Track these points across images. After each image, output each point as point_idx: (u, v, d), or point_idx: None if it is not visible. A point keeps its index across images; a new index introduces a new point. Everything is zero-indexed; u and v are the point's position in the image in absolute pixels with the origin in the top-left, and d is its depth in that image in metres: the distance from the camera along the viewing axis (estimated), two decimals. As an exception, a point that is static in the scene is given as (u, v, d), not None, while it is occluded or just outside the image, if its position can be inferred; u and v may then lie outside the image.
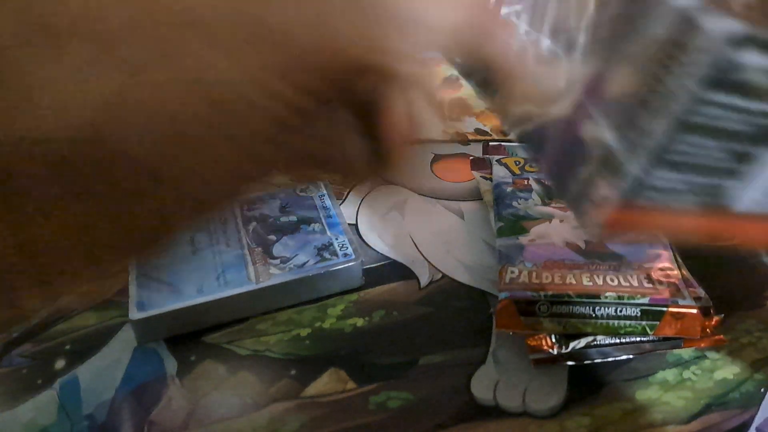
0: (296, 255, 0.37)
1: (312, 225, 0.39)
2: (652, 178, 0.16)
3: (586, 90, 0.18)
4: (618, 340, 0.32)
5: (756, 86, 0.15)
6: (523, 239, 0.36)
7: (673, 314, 0.32)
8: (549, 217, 0.38)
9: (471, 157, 0.46)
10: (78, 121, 0.14)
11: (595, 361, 0.32)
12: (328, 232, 0.38)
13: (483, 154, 0.48)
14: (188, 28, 0.14)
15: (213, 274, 0.35)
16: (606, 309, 0.32)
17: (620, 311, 0.32)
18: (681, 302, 0.32)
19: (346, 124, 0.19)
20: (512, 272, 0.34)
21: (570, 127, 0.18)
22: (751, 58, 0.14)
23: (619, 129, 0.16)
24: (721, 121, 0.15)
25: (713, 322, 0.32)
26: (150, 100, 0.14)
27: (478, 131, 0.51)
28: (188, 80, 0.14)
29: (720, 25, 0.14)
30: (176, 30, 0.14)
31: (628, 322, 0.32)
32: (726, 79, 0.15)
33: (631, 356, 0.32)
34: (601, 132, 0.17)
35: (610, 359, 0.32)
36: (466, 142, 0.50)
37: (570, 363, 0.32)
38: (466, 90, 0.56)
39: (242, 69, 0.15)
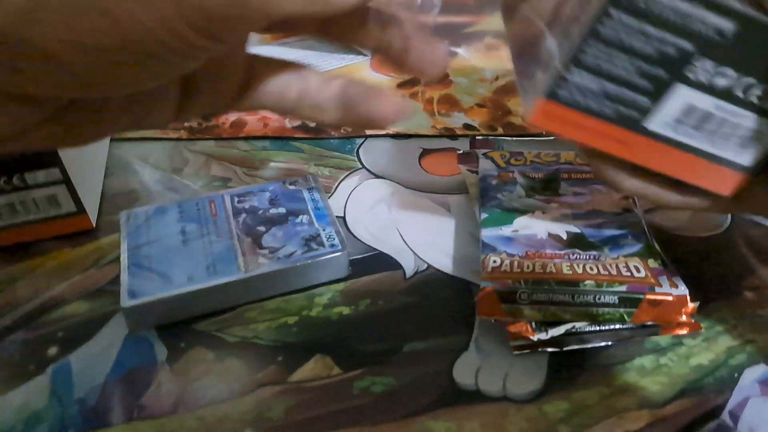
0: (284, 245, 0.38)
1: (300, 217, 0.40)
2: (571, 75, 0.20)
3: (554, 12, 0.21)
4: (597, 327, 0.33)
5: (660, 17, 0.19)
6: (506, 230, 0.37)
7: (650, 301, 0.32)
8: (532, 209, 0.39)
9: (458, 152, 0.47)
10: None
11: (574, 347, 0.33)
12: (316, 224, 0.39)
13: (470, 148, 0.49)
14: None
15: (203, 263, 0.36)
16: (585, 296, 0.33)
17: (598, 299, 0.33)
18: (658, 290, 0.33)
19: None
20: (494, 262, 0.35)
21: (537, 41, 0.22)
22: None
23: (558, 38, 0.20)
24: (629, 39, 0.19)
25: (690, 310, 0.33)
26: (60, 21, 0.15)
27: (466, 126, 0.52)
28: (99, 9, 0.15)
29: None
30: None
31: (606, 310, 0.33)
32: (631, 4, 0.18)
33: (609, 343, 0.33)
34: (550, 42, 0.21)
35: (588, 346, 0.33)
36: (454, 136, 0.51)
37: (550, 349, 0.33)
38: (455, 86, 0.57)
39: (151, 11, 0.15)
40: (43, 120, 0.17)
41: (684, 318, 0.33)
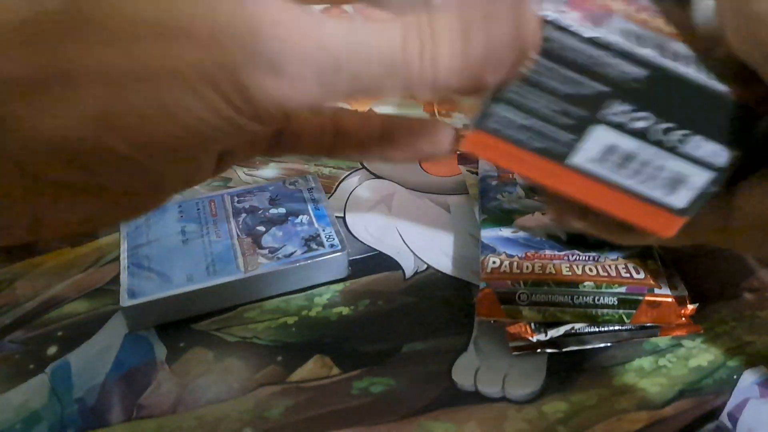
0: (284, 245, 0.38)
1: (300, 217, 0.40)
2: (496, 108, 0.20)
3: None
4: (596, 329, 0.33)
5: (574, 61, 0.19)
6: (506, 231, 0.37)
7: (649, 303, 0.32)
8: (532, 210, 0.39)
9: (458, 152, 0.47)
10: (81, 124, 0.16)
11: (574, 348, 0.33)
12: (316, 224, 0.39)
13: (470, 149, 0.49)
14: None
15: (203, 263, 0.36)
16: (584, 298, 0.33)
17: (598, 300, 0.33)
18: (657, 291, 0.33)
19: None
20: (494, 262, 0.35)
21: None
22: (561, 37, 0.19)
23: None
24: (546, 80, 0.20)
25: (689, 311, 0.33)
26: (130, 126, 0.16)
27: (466, 127, 0.52)
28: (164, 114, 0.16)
29: (550, 15, 0.19)
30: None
31: (605, 311, 0.33)
32: (545, 48, 0.19)
33: (608, 344, 0.33)
34: None
35: (588, 347, 0.33)
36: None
37: (549, 350, 0.33)
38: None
39: (207, 107, 0.16)
40: (108, 206, 0.19)
41: (683, 319, 0.33)
